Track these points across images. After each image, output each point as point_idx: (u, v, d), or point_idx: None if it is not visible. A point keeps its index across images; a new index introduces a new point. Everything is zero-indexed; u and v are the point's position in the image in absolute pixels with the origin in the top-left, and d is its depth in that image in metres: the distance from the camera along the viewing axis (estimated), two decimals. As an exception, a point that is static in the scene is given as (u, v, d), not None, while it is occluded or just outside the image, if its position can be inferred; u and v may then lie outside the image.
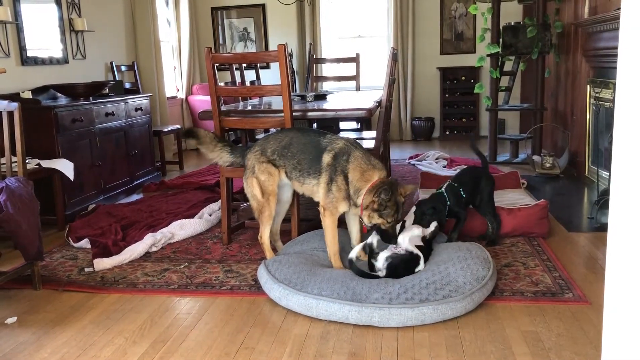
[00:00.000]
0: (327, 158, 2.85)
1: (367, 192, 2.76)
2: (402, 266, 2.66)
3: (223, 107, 3.73)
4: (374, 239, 2.81)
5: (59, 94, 5.00)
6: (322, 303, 2.47)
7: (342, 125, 5.72)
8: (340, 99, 4.37)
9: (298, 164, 2.95)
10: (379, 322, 2.40)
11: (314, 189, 2.93)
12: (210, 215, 4.15)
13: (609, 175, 4.09)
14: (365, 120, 5.51)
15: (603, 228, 3.60)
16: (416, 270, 2.67)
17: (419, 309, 2.39)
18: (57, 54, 5.26)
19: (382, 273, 2.67)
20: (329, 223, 2.87)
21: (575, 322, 2.40)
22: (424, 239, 2.87)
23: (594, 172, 4.68)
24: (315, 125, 4.28)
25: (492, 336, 2.31)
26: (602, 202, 3.77)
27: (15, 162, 3.19)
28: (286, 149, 2.99)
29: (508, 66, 6.28)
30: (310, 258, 2.92)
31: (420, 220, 3.09)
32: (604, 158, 4.45)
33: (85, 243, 3.64)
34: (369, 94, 4.90)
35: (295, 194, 3.22)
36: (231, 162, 3.25)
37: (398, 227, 2.92)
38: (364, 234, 3.01)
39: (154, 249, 3.54)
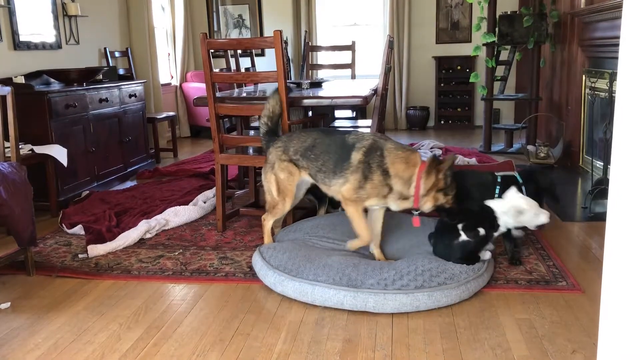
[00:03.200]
0: (357, 156, 2.66)
1: (423, 176, 2.59)
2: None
3: (218, 94, 3.71)
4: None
5: (52, 80, 4.95)
6: (318, 288, 2.48)
7: (337, 113, 5.71)
8: (336, 86, 4.35)
9: (322, 166, 2.78)
10: (374, 308, 2.40)
11: (340, 189, 2.76)
12: (204, 202, 4.13)
13: (603, 165, 4.10)
14: (360, 109, 5.51)
15: (597, 217, 3.62)
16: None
17: (414, 295, 2.40)
18: (50, 39, 5.20)
19: (490, 246, 2.76)
20: (353, 211, 2.70)
21: (568, 310, 2.41)
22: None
23: (589, 162, 4.69)
24: (310, 113, 4.26)
25: (486, 323, 2.32)
26: (596, 191, 3.79)
27: (8, 147, 3.17)
28: (309, 151, 2.83)
29: (504, 56, 6.27)
30: (304, 245, 2.92)
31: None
32: (598, 148, 4.46)
33: (79, 229, 3.63)
34: (365, 82, 4.88)
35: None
36: (263, 145, 3.11)
37: None
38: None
39: (148, 235, 3.53)
